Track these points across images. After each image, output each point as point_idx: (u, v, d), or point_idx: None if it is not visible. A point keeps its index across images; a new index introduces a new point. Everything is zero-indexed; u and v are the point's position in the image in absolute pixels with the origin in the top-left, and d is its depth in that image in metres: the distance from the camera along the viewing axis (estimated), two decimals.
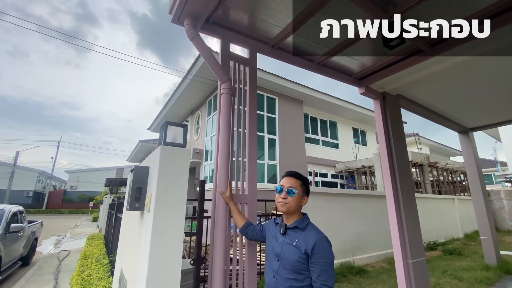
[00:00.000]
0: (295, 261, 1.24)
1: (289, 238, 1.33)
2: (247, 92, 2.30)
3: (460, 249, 6.88)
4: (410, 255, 3.01)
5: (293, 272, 1.23)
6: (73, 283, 3.50)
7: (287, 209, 1.38)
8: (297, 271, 1.23)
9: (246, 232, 1.72)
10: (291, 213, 1.40)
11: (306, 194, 1.44)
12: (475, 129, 5.82)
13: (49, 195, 35.33)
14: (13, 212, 5.87)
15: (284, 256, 1.29)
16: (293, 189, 1.39)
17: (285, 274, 1.25)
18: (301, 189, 1.41)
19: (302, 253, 1.23)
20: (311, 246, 1.22)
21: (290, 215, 1.40)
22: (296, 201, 1.38)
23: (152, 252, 1.43)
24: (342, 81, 3.29)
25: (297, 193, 1.39)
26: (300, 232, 1.32)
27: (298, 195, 1.39)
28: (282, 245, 1.33)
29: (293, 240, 1.31)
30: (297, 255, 1.24)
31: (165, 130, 1.70)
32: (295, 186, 1.40)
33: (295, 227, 1.36)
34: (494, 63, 3.11)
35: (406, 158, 3.49)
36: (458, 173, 13.75)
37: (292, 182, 1.42)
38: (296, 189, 1.39)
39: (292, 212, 1.39)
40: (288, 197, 1.39)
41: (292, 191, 1.39)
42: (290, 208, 1.38)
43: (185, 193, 1.61)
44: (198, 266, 1.87)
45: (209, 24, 2.17)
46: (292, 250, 1.27)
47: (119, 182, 18.90)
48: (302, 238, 1.28)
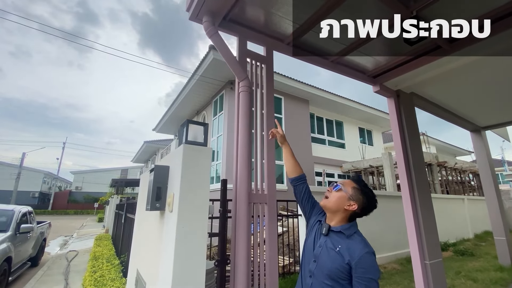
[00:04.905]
0: (335, 268, 1.15)
1: (331, 241, 1.23)
2: (264, 90, 2.27)
3: (472, 249, 6.78)
4: (428, 256, 2.95)
5: (330, 279, 1.16)
6: (86, 284, 3.49)
7: (324, 203, 1.30)
8: (334, 279, 1.15)
9: (298, 185, 1.55)
10: (331, 212, 1.29)
11: (356, 201, 1.26)
12: (487, 127, 5.72)
13: (54, 196, 35.61)
14: (23, 213, 5.89)
15: (323, 260, 1.21)
16: (340, 186, 1.29)
17: (322, 278, 1.18)
18: (351, 191, 1.27)
19: (344, 263, 1.14)
20: (356, 258, 1.12)
21: (332, 215, 1.29)
22: (337, 199, 1.26)
23: (177, 252, 1.40)
24: (356, 78, 3.25)
25: (342, 191, 1.27)
26: (345, 239, 1.21)
27: (343, 193, 1.27)
28: (323, 246, 1.24)
29: (336, 245, 1.20)
30: (338, 262, 1.15)
31: (186, 128, 1.68)
32: (347, 184, 1.29)
33: (340, 232, 1.24)
34: (509, 61, 3.05)
35: (421, 157, 3.43)
36: (467, 172, 13.57)
37: (347, 182, 1.32)
38: (344, 187, 1.28)
39: (332, 210, 1.28)
40: (332, 191, 1.30)
41: (338, 186, 1.29)
42: (328, 204, 1.29)
43: (207, 192, 1.59)
44: (222, 267, 1.84)
45: (226, 21, 2.14)
46: (333, 256, 1.18)
47: (125, 182, 18.95)
48: (346, 246, 1.18)
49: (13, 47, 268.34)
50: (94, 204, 26.17)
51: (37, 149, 49.60)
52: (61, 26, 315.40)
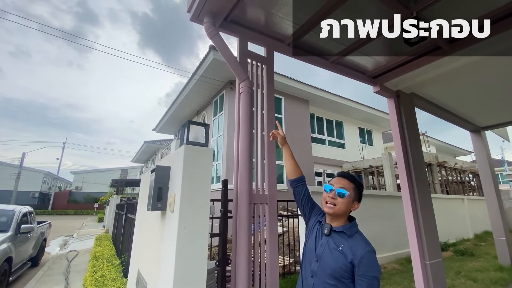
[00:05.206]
0: (338, 267, 1.16)
1: (333, 241, 1.24)
2: (265, 90, 2.27)
3: (472, 249, 6.79)
4: (428, 256, 2.95)
5: (333, 278, 1.16)
6: (87, 284, 3.49)
7: (334, 211, 1.25)
8: (337, 278, 1.16)
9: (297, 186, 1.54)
10: (338, 217, 1.27)
11: (358, 200, 1.29)
12: (487, 128, 5.73)
13: (54, 196, 35.60)
14: (23, 213, 5.89)
15: (326, 259, 1.21)
16: (345, 191, 1.25)
17: (324, 278, 1.19)
18: (353, 193, 1.27)
19: (347, 262, 1.15)
20: (358, 257, 1.13)
21: (336, 218, 1.28)
22: (345, 205, 1.25)
23: (178, 252, 1.41)
24: (357, 79, 3.26)
25: (348, 196, 1.25)
26: (347, 238, 1.22)
27: (349, 198, 1.25)
28: (325, 246, 1.24)
29: (338, 245, 1.21)
30: (341, 262, 1.16)
31: (187, 129, 1.68)
32: (347, 187, 1.26)
33: (342, 231, 1.24)
34: (509, 61, 3.05)
35: (421, 157, 3.44)
36: (466, 173, 13.57)
37: (345, 183, 1.28)
38: (348, 191, 1.25)
39: (339, 216, 1.27)
40: (338, 198, 1.25)
41: (343, 192, 1.25)
42: (338, 211, 1.25)
43: (209, 192, 1.59)
44: (223, 267, 1.84)
45: (227, 22, 2.15)
46: (336, 256, 1.19)
47: (125, 182, 18.94)
48: (348, 245, 1.19)
49: (13, 47, 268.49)
50: (94, 204, 26.15)
51: (37, 149, 49.62)
52: (60, 26, 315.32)
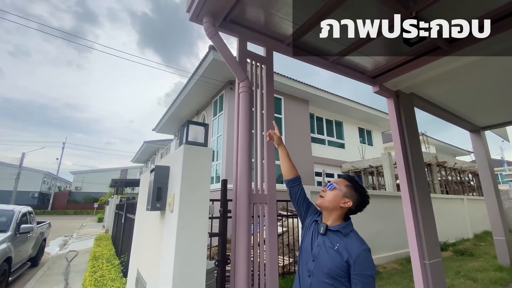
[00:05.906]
0: (334, 267, 1.18)
1: (329, 240, 1.26)
2: (264, 90, 2.27)
3: (471, 249, 6.79)
4: (427, 256, 2.95)
5: (330, 277, 1.18)
6: (87, 284, 3.49)
7: (321, 202, 1.34)
8: (334, 277, 1.18)
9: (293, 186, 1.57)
10: (328, 210, 1.32)
11: (351, 198, 1.30)
12: (486, 128, 5.74)
13: (54, 196, 35.59)
14: (23, 213, 5.89)
15: (322, 259, 1.23)
16: (334, 184, 1.33)
17: (321, 277, 1.20)
18: (345, 189, 1.31)
19: (343, 261, 1.17)
20: (354, 256, 1.16)
21: (328, 214, 1.32)
22: (333, 197, 1.30)
23: (177, 252, 1.41)
24: (356, 79, 3.26)
25: (337, 190, 1.31)
26: (342, 238, 1.25)
27: (337, 191, 1.31)
28: (321, 246, 1.26)
29: (334, 244, 1.23)
30: (338, 261, 1.18)
31: (186, 129, 1.68)
32: (339, 183, 1.34)
33: (338, 230, 1.27)
34: (509, 61, 3.06)
35: (420, 157, 3.44)
36: (466, 172, 13.58)
37: (339, 180, 1.36)
38: (338, 186, 1.32)
39: (328, 209, 1.31)
40: (327, 190, 1.34)
41: (332, 185, 1.33)
42: (324, 203, 1.32)
43: (208, 192, 1.59)
44: (223, 267, 1.85)
45: (226, 22, 2.15)
46: (332, 255, 1.21)
47: (124, 182, 18.93)
48: (344, 244, 1.21)
49: (12, 47, 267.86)
50: (94, 204, 26.14)
51: (37, 149, 49.63)
52: (60, 26, 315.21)
